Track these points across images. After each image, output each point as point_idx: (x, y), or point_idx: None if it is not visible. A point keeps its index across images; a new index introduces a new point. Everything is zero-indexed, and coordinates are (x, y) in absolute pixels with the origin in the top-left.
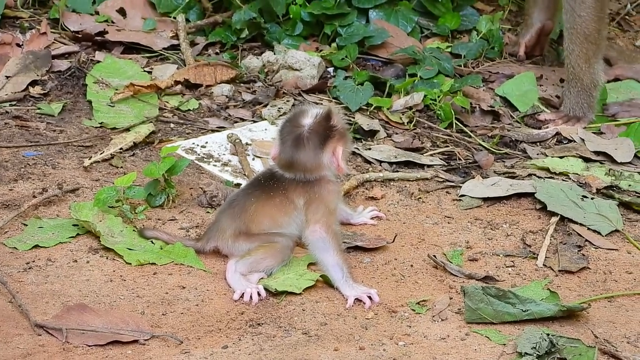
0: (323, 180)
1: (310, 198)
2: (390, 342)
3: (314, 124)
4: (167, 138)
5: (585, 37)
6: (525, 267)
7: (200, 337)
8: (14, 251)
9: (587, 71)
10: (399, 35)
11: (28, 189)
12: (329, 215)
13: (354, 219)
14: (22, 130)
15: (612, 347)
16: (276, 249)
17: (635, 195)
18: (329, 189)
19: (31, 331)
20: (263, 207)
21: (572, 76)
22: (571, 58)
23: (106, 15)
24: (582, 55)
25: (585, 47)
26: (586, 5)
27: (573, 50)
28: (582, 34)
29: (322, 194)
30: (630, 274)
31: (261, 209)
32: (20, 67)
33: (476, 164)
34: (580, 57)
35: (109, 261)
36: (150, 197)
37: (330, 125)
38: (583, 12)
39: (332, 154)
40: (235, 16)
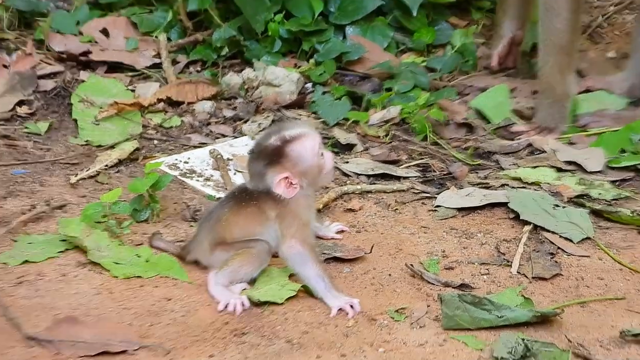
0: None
1: (281, 212)
2: (371, 349)
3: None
4: (151, 154)
5: (560, 49)
6: (499, 275)
7: (187, 346)
8: (4, 266)
9: (560, 82)
10: (375, 50)
11: (17, 205)
12: (303, 229)
13: (321, 231)
14: (10, 149)
15: (586, 350)
16: (252, 254)
17: (605, 204)
18: (299, 202)
19: (23, 343)
20: (236, 217)
21: (546, 87)
22: (545, 69)
23: (90, 35)
24: (557, 67)
25: (559, 58)
26: (562, 17)
27: (547, 61)
28: (557, 45)
29: (292, 207)
30: (602, 279)
31: (234, 218)
32: (7, 88)
33: (451, 175)
34: (554, 68)
35: (97, 275)
36: (136, 212)
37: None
38: (558, 25)
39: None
40: (215, 34)
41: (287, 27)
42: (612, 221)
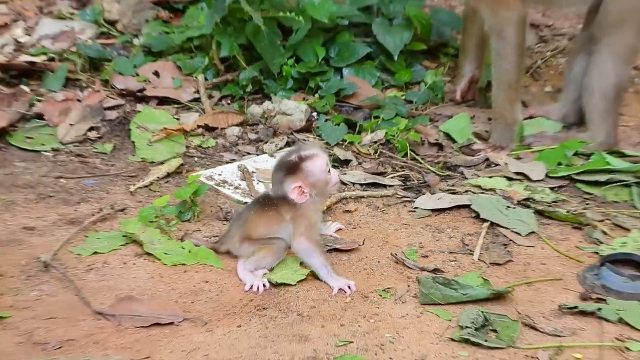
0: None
1: (294, 214)
2: (364, 319)
3: (286, 160)
4: (192, 169)
5: (509, 85)
6: (464, 261)
7: (220, 318)
8: (78, 257)
9: (509, 111)
10: (365, 87)
11: (88, 209)
12: (311, 228)
13: (322, 230)
14: (82, 164)
15: (531, 320)
16: (273, 249)
17: (546, 205)
18: (309, 207)
19: (92, 317)
20: (259, 218)
21: (498, 115)
22: (498, 101)
23: (144, 76)
24: (506, 99)
25: (508, 93)
26: (509, 61)
27: (499, 95)
28: (506, 82)
29: (303, 211)
30: (544, 264)
31: (258, 219)
32: (80, 117)
33: (426, 183)
34: (504, 100)
35: (150, 263)
36: (180, 213)
37: (296, 165)
38: (507, 66)
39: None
40: (241, 75)
41: (297, 69)
42: (552, 219)
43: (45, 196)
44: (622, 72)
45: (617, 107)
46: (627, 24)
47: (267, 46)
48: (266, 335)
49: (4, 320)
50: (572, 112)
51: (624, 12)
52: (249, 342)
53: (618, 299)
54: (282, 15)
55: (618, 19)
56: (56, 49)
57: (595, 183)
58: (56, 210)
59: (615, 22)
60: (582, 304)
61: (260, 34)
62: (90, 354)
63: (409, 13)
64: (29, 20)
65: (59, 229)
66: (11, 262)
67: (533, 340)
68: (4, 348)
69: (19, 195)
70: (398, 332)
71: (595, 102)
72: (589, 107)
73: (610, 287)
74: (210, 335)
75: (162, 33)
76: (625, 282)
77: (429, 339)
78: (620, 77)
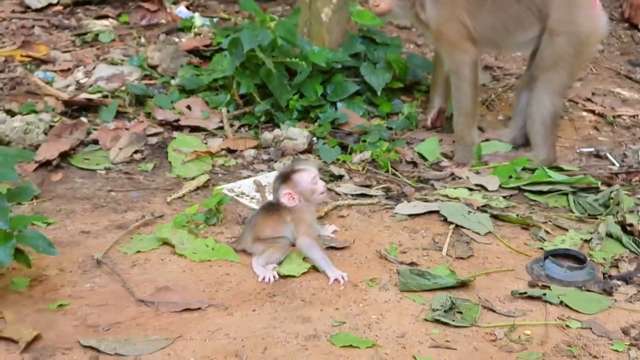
0: (300, 206)
1: (293, 217)
2: (355, 304)
3: (281, 171)
4: (217, 183)
5: (466, 113)
6: (435, 256)
7: (239, 304)
8: (124, 255)
9: (467, 135)
10: (355, 117)
11: (133, 216)
12: (309, 228)
13: (322, 231)
14: (129, 180)
15: (490, 304)
16: (280, 246)
17: (500, 210)
18: (305, 210)
19: (136, 304)
20: (266, 222)
21: (459, 138)
22: (458, 127)
23: (179, 109)
24: (465, 125)
25: (466, 119)
26: (466, 94)
27: (459, 121)
28: (464, 111)
29: (300, 214)
30: (499, 258)
31: (265, 222)
32: (127, 142)
33: (404, 194)
34: (463, 125)
35: (182, 259)
36: (207, 219)
37: (287, 175)
38: (464, 99)
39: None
40: (256, 108)
41: (301, 103)
42: (505, 221)
43: (98, 206)
44: (557, 103)
45: (554, 131)
46: (559, 66)
47: (277, 85)
48: (276, 318)
49: (64, 307)
50: (519, 136)
51: (556, 56)
52: (262, 323)
53: (559, 286)
54: (289, 61)
55: (552, 62)
56: (109, 88)
57: (539, 192)
58: (107, 218)
59: (549, 64)
60: (530, 290)
61: (271, 76)
62: (134, 334)
63: (390, 58)
64: (88, 65)
65: (109, 232)
66: (70, 260)
67: (491, 320)
68: (64, 330)
69: (77, 206)
70: (382, 314)
71: (537, 127)
72: (532, 132)
73: (553, 276)
74: (231, 318)
75: (193, 75)
76: (565, 272)
77: (407, 320)
78: (555, 107)
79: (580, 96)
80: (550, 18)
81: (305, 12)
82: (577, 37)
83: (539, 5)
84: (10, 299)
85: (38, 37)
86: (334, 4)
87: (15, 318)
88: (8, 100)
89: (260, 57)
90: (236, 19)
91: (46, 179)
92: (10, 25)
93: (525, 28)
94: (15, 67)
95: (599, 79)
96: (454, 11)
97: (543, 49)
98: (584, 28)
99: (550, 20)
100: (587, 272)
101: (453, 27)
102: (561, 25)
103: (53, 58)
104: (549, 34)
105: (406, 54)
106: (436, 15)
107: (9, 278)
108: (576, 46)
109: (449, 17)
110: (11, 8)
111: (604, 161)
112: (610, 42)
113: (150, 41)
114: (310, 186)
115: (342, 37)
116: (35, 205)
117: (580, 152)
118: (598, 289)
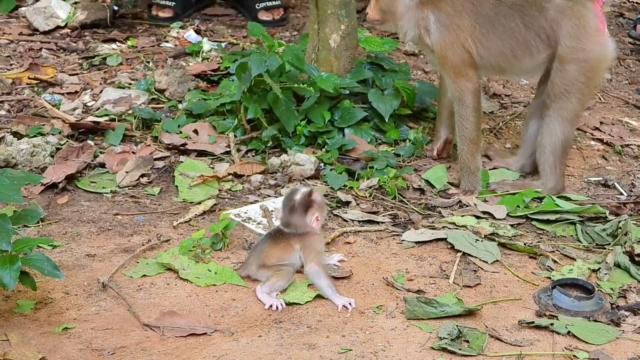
0: (310, 233)
1: (303, 245)
2: (361, 331)
3: (301, 199)
4: (223, 208)
5: (470, 140)
6: (442, 284)
7: (245, 330)
8: (130, 279)
9: (471, 161)
10: (363, 143)
11: (139, 240)
12: (318, 255)
13: (327, 260)
14: (135, 204)
15: (497, 332)
16: (284, 274)
17: (507, 239)
18: (315, 238)
19: (141, 328)
20: (273, 249)
21: (464, 166)
22: (462, 154)
23: (186, 133)
24: (469, 151)
25: (470, 146)
26: (470, 121)
27: (463, 149)
28: (468, 138)
29: (311, 242)
30: (506, 287)
31: (271, 250)
32: (134, 166)
33: (411, 221)
34: (467, 152)
35: (188, 284)
36: (214, 244)
37: (311, 200)
38: (468, 125)
39: (312, 218)
40: (264, 133)
41: (308, 129)
42: (512, 250)
43: (105, 229)
44: (568, 131)
45: (564, 160)
46: (570, 94)
47: (284, 110)
48: (282, 344)
49: (69, 330)
50: (528, 164)
51: (567, 84)
52: (268, 350)
53: (567, 315)
54: (296, 86)
55: (563, 90)
56: (116, 112)
57: (547, 221)
58: (113, 241)
59: (560, 92)
60: (538, 319)
61: (279, 101)
62: (139, 359)
63: (397, 85)
64: (95, 88)
65: (115, 256)
66: (76, 283)
67: (498, 349)
68: (69, 353)
69: (83, 229)
70: (389, 342)
71: (547, 156)
72: (541, 160)
73: (560, 306)
74: (237, 344)
75: (201, 99)
76: (572, 302)
77: (413, 348)
78: (566, 136)
79: (588, 125)
80: (560, 45)
81: (314, 38)
82: (587, 63)
83: (547, 32)
84: (15, 322)
85: (45, 59)
86: (342, 30)
87: (20, 341)
88: (15, 122)
89: (267, 82)
90: (244, 43)
91: (52, 202)
92: (18, 47)
93: (533, 54)
94: (23, 89)
95: (607, 108)
96: (459, 36)
97: (554, 76)
98: (594, 54)
99: (560, 47)
100: (595, 303)
101: (457, 53)
102: (571, 52)
103: (60, 81)
104: (559, 62)
105: (414, 80)
106: (440, 39)
107: (14, 301)
108: (587, 73)
109: (452, 42)
110: (19, 30)
111: (612, 190)
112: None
113: (157, 65)
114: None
115: (350, 64)
116: (41, 227)
117: (588, 181)
118: (606, 320)
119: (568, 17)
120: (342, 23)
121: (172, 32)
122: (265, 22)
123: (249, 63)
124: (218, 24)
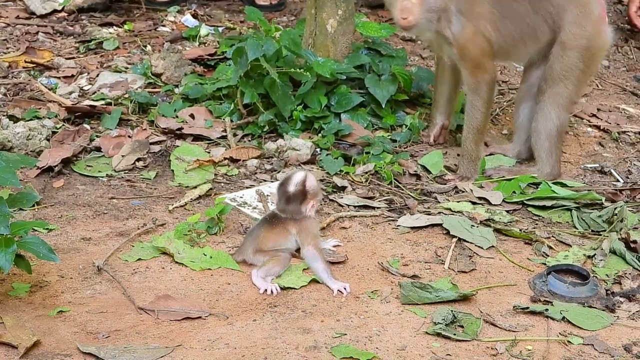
0: (306, 218)
1: (300, 229)
2: (356, 316)
3: (296, 191)
4: (219, 192)
5: (477, 129)
6: (437, 269)
7: (239, 314)
8: (125, 262)
9: (475, 150)
10: (359, 129)
11: (134, 224)
12: (315, 238)
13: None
14: (131, 188)
15: (491, 318)
16: (280, 260)
17: (503, 225)
18: (311, 222)
19: (136, 312)
20: (269, 234)
21: (465, 152)
22: (467, 142)
23: (182, 118)
24: (474, 140)
25: (476, 135)
26: (480, 111)
27: (468, 137)
28: (475, 127)
29: (307, 226)
30: (502, 273)
31: (268, 235)
32: (130, 150)
33: (407, 206)
34: (472, 141)
35: (183, 268)
36: (209, 228)
37: (306, 190)
38: (478, 115)
39: (308, 207)
40: (260, 118)
41: (305, 114)
42: (507, 236)
43: (100, 213)
44: (563, 117)
45: (559, 146)
46: (567, 80)
47: (281, 95)
48: (276, 328)
49: (64, 313)
50: (524, 150)
51: (566, 70)
52: (262, 334)
53: (561, 301)
54: (293, 71)
55: (561, 75)
56: (112, 96)
57: (543, 207)
58: (109, 225)
59: (558, 77)
60: (533, 305)
61: (275, 86)
62: (133, 342)
63: (394, 70)
64: (92, 72)
65: (110, 239)
66: (71, 266)
67: (493, 334)
68: (64, 336)
69: (79, 212)
70: (383, 327)
71: (542, 142)
72: (537, 146)
73: (555, 291)
74: (231, 328)
75: (197, 84)
76: (567, 288)
77: (408, 332)
78: (561, 121)
79: (585, 112)
80: (563, 31)
81: (311, 23)
82: (588, 51)
83: (554, 17)
84: (10, 305)
85: (42, 43)
86: (339, 15)
87: (15, 324)
88: (11, 106)
89: (264, 67)
90: (241, 28)
91: (48, 186)
92: (15, 31)
93: (540, 39)
94: (19, 73)
95: (604, 95)
96: (479, 24)
97: (553, 62)
98: (595, 42)
99: (563, 33)
100: (590, 289)
101: (478, 43)
102: (574, 39)
103: (57, 64)
104: (560, 48)
105: (411, 66)
106: (461, 29)
107: (9, 284)
108: (586, 60)
109: (474, 32)
110: (15, 14)
111: (608, 177)
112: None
113: (154, 49)
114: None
115: (347, 49)
116: (36, 211)
117: (585, 167)
118: (600, 306)
119: (574, 4)
120: (339, 8)
121: (169, 16)
122: (262, 6)
123: (246, 48)
124: (215, 9)
